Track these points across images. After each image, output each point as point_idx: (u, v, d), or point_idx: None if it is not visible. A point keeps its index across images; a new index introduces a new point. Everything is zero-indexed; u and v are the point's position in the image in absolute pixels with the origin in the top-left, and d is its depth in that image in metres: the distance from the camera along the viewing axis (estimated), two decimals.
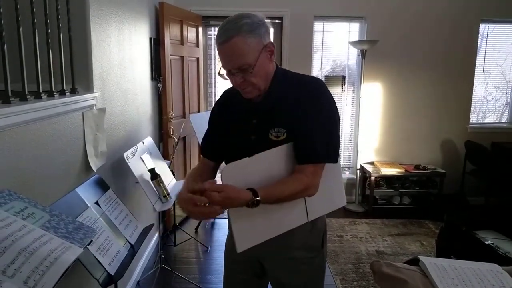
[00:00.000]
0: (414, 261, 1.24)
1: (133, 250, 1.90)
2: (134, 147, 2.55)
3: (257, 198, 1.17)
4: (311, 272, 1.44)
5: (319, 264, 1.46)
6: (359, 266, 3.19)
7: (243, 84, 1.25)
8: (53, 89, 1.69)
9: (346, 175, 4.76)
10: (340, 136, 1.35)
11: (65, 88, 1.80)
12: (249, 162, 1.22)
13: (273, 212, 1.26)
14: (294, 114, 1.27)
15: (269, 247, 1.40)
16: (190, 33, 4.05)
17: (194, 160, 4.28)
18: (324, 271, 1.51)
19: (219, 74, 1.32)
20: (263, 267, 1.48)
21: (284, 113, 1.29)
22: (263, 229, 1.27)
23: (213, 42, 4.68)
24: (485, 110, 4.84)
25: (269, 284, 1.57)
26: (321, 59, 4.55)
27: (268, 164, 1.25)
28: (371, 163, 4.61)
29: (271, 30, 4.44)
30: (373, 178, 4.30)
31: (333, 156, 1.32)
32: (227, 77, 1.28)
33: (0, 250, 0.94)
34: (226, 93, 1.50)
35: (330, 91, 1.33)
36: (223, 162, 1.48)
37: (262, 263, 1.47)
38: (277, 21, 4.37)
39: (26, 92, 1.48)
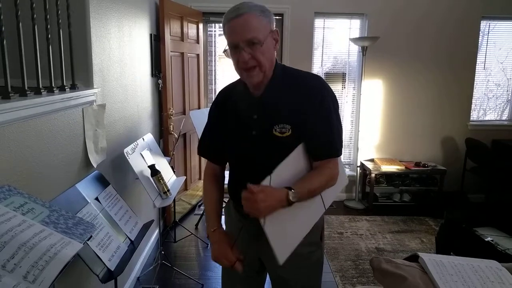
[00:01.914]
0: (414, 258, 1.25)
1: (133, 246, 1.90)
2: (134, 143, 2.55)
3: (293, 190, 1.20)
4: (311, 266, 1.46)
5: (318, 258, 1.48)
6: (359, 263, 3.19)
7: (250, 61, 1.24)
8: (53, 85, 1.69)
9: (347, 172, 4.75)
10: (342, 129, 1.41)
11: (65, 84, 1.80)
12: (272, 179, 1.22)
13: (298, 214, 1.28)
14: (299, 111, 1.28)
15: (268, 244, 1.41)
16: (191, 29, 4.04)
17: (194, 156, 4.28)
18: (323, 264, 1.53)
19: (224, 51, 1.32)
20: (262, 263, 1.49)
21: (287, 109, 1.29)
22: (295, 233, 1.30)
23: (213, 38, 4.67)
24: (485, 108, 4.83)
25: (267, 280, 1.58)
26: (322, 56, 4.53)
27: (289, 173, 1.26)
28: (371, 160, 4.60)
29: None
30: (373, 175, 4.30)
31: (341, 150, 1.38)
32: (230, 56, 1.29)
33: (0, 245, 0.94)
34: (223, 92, 1.49)
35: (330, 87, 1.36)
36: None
37: (262, 259, 1.48)
38: (277, 17, 4.36)
39: (26, 88, 1.48)
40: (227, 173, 1.54)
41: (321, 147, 1.31)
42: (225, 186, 1.55)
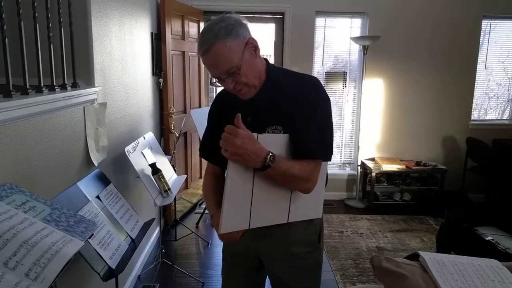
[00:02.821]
0: (414, 257, 1.25)
1: (134, 244, 1.91)
2: (135, 142, 2.56)
3: (272, 154, 1.17)
4: (308, 266, 1.45)
5: (316, 259, 1.47)
6: (359, 261, 3.19)
7: (236, 86, 1.25)
8: (54, 83, 1.70)
9: (347, 171, 4.76)
10: (333, 134, 1.36)
11: (66, 82, 1.80)
12: (258, 139, 1.22)
13: (260, 204, 1.26)
14: (291, 111, 1.27)
15: (266, 243, 1.41)
16: (192, 28, 4.04)
17: (195, 155, 4.29)
18: (321, 265, 1.52)
19: (211, 83, 1.33)
20: (261, 261, 1.49)
21: (279, 110, 1.29)
22: (247, 218, 1.27)
23: None
24: (486, 107, 4.83)
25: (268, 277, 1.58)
26: (323, 55, 4.53)
27: (272, 147, 1.23)
28: (372, 159, 4.60)
29: (273, 26, 4.44)
30: (374, 174, 4.30)
31: (328, 154, 1.33)
32: (219, 84, 1.29)
33: (2, 243, 0.95)
34: (220, 94, 1.51)
35: (330, 88, 1.35)
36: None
37: (261, 258, 1.48)
38: (278, 16, 4.36)
39: (28, 86, 1.48)
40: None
41: (299, 145, 1.27)
42: None
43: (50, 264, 0.98)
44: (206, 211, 4.06)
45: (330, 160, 1.35)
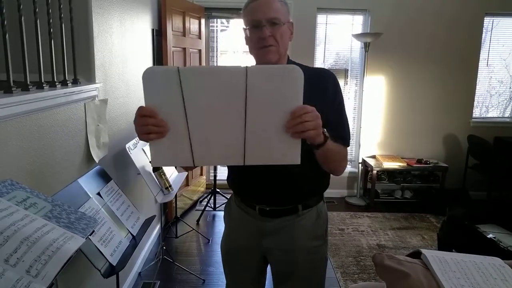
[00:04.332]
0: (416, 254, 1.24)
1: (135, 241, 1.91)
2: (136, 139, 2.55)
3: (326, 134, 1.12)
4: (317, 261, 1.46)
5: (323, 253, 1.48)
6: (360, 259, 3.19)
7: (269, 39, 1.26)
8: (55, 80, 1.69)
9: (348, 168, 4.75)
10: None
11: (67, 78, 1.79)
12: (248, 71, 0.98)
13: (203, 141, 1.07)
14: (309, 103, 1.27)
15: (276, 239, 1.41)
16: (193, 24, 4.03)
17: None
18: (327, 259, 1.52)
19: (244, 29, 1.33)
20: (264, 256, 1.49)
21: None
22: (188, 155, 1.08)
23: (215, 34, 4.66)
24: (488, 105, 4.81)
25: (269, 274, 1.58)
26: (324, 52, 4.52)
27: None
28: (373, 157, 4.60)
29: None
30: (375, 171, 4.29)
31: (348, 140, 1.40)
32: (248, 36, 1.30)
33: (3, 239, 0.94)
34: None
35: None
36: None
37: (265, 255, 1.48)
38: None
39: (28, 82, 1.47)
40: (225, 169, 1.54)
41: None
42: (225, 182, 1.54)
43: (51, 261, 0.97)
44: (207, 208, 4.06)
45: (349, 145, 1.40)
